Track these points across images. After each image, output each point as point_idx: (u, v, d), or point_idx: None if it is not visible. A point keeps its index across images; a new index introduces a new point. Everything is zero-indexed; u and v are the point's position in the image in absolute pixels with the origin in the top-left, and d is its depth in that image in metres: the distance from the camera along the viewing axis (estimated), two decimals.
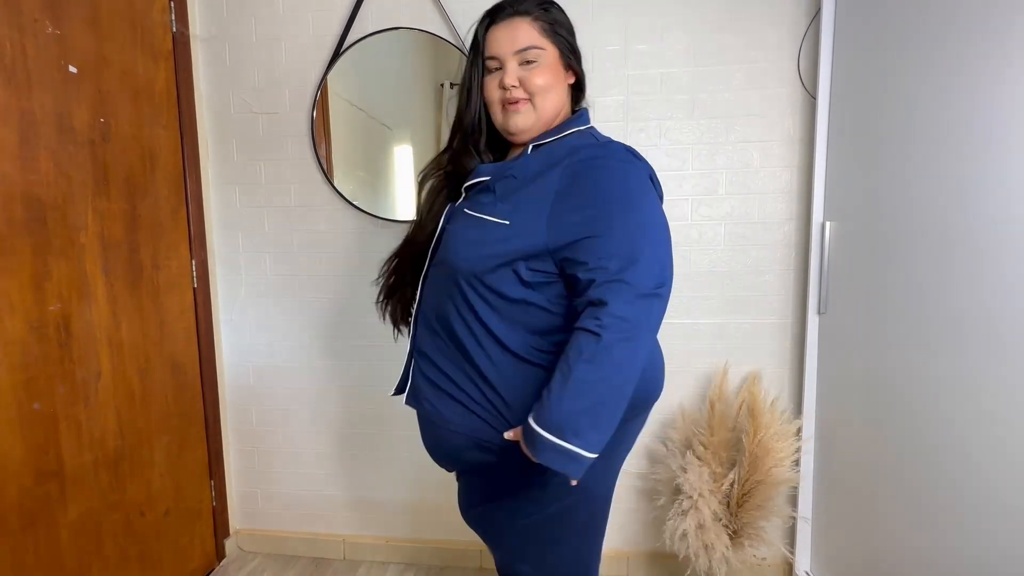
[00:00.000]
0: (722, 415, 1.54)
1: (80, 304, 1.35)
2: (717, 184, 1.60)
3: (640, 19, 1.57)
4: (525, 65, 0.95)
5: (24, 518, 1.23)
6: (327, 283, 1.78)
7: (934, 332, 1.14)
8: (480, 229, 0.92)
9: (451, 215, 1.02)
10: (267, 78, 1.73)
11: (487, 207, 0.93)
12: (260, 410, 1.88)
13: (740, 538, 1.49)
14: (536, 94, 0.95)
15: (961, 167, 1.07)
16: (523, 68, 0.95)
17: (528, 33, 0.94)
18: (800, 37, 1.53)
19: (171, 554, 1.66)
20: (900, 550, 1.25)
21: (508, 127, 0.98)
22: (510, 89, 0.94)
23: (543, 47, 0.95)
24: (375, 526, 1.88)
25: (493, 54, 0.96)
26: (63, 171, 1.31)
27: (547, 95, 0.96)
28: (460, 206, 1.00)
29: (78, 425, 1.35)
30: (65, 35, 1.31)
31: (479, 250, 0.91)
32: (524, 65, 0.95)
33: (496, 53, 0.95)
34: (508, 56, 0.95)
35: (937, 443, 1.14)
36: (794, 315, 1.62)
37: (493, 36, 0.96)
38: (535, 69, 0.95)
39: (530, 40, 0.94)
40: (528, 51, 0.94)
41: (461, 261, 0.93)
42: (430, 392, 0.99)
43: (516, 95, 0.95)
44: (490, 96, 0.98)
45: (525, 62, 0.95)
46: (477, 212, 0.94)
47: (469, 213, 0.95)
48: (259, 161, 1.77)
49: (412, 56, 1.64)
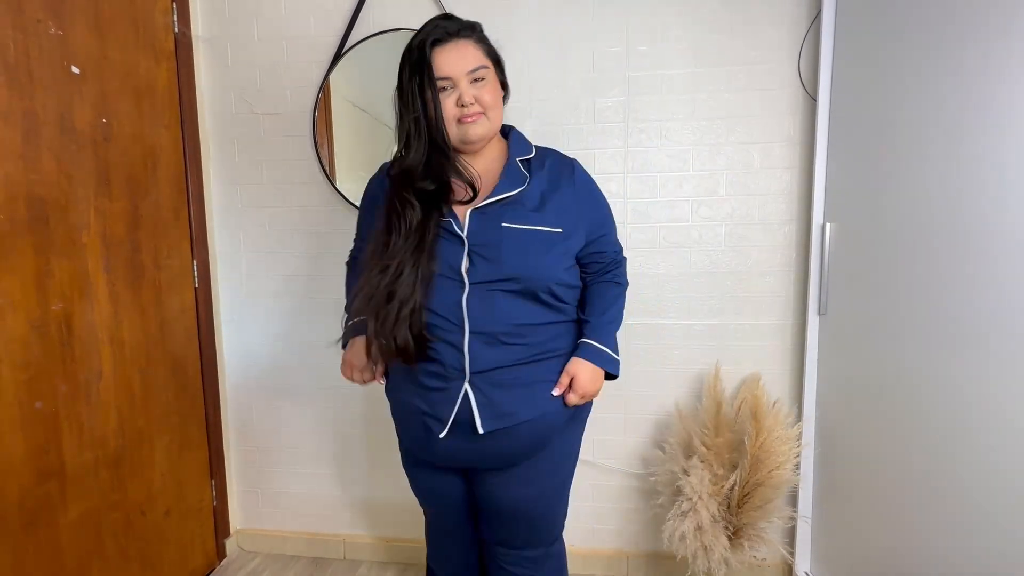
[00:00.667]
0: (724, 417, 1.54)
1: (82, 303, 1.36)
2: (718, 185, 1.60)
3: (641, 20, 1.58)
4: (475, 84, 1.03)
5: (25, 517, 1.24)
6: (328, 284, 1.79)
7: (934, 333, 1.14)
8: (542, 240, 1.05)
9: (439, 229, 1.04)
10: (269, 78, 1.73)
11: (534, 219, 1.05)
12: (261, 410, 1.88)
13: (740, 539, 1.49)
14: (489, 108, 1.05)
15: (961, 168, 1.08)
16: (474, 86, 1.03)
17: (475, 54, 1.04)
18: (801, 38, 1.53)
19: (172, 554, 1.66)
20: (900, 550, 1.25)
21: (468, 138, 1.05)
22: (470, 105, 1.02)
23: (488, 66, 1.06)
24: (375, 526, 1.89)
25: (446, 75, 1.02)
26: (65, 171, 1.32)
27: (496, 111, 1.07)
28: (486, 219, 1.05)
29: (79, 424, 1.36)
30: (67, 36, 1.32)
31: (550, 259, 1.06)
32: (474, 84, 1.03)
33: (449, 74, 1.02)
34: (461, 76, 1.02)
35: (937, 444, 1.14)
36: (794, 316, 1.62)
37: (443, 58, 1.02)
38: (485, 86, 1.04)
39: (478, 61, 1.04)
40: (479, 71, 1.03)
41: (543, 271, 1.05)
42: (507, 403, 1.05)
43: (474, 110, 1.03)
44: (447, 114, 1.03)
45: (475, 80, 1.03)
46: (527, 225, 1.05)
47: (514, 227, 1.04)
48: (261, 161, 1.77)
49: None
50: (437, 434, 1.06)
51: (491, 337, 1.03)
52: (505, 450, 1.09)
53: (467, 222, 1.04)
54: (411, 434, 1.17)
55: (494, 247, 1.02)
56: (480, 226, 1.04)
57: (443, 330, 1.03)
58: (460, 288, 1.02)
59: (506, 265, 1.02)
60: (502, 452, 1.09)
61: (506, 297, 1.03)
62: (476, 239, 1.03)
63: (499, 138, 1.15)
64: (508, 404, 1.04)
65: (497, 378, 1.04)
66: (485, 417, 1.04)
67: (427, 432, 1.09)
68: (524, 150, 1.12)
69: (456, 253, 1.03)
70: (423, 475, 1.22)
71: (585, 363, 1.09)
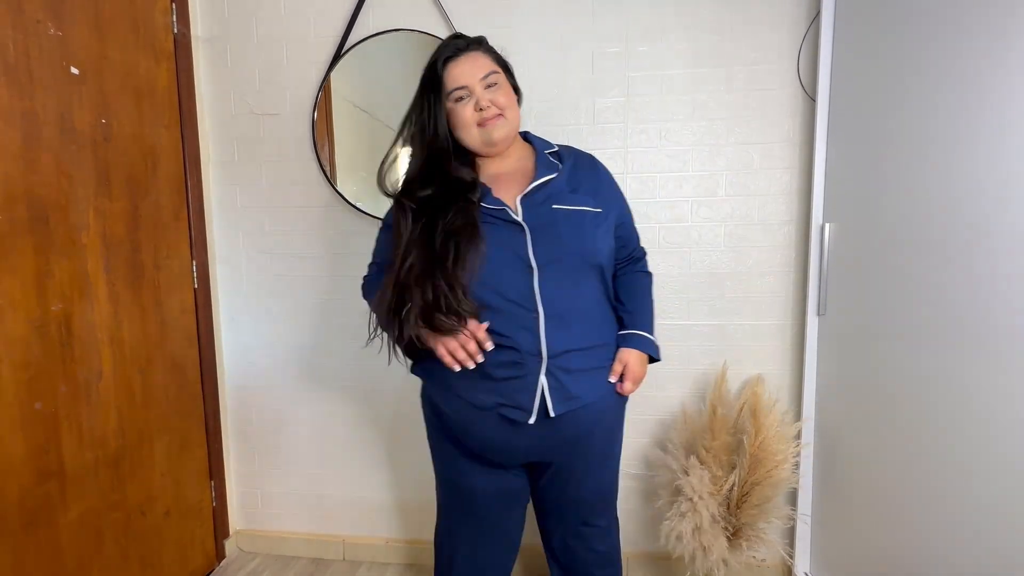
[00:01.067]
0: (724, 417, 1.54)
1: (82, 304, 1.36)
2: (717, 185, 1.60)
3: (641, 21, 1.58)
4: (489, 88, 1.10)
5: (25, 517, 1.24)
6: (328, 285, 1.79)
7: (933, 333, 1.14)
8: (591, 219, 1.12)
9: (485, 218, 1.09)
10: (268, 79, 1.73)
11: (578, 200, 1.12)
12: (260, 411, 1.88)
13: (739, 539, 1.49)
14: (505, 108, 1.11)
15: (960, 168, 1.08)
16: (489, 91, 1.10)
17: (485, 62, 1.11)
18: (800, 39, 1.53)
19: (171, 554, 1.66)
20: (900, 550, 1.25)
21: (492, 139, 1.11)
22: (487, 108, 1.09)
23: (498, 71, 1.13)
24: (375, 527, 1.89)
25: (461, 84, 1.09)
26: (65, 171, 1.32)
27: (512, 110, 1.13)
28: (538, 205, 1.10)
29: (79, 425, 1.36)
30: (67, 36, 1.32)
31: (600, 234, 1.12)
32: (488, 89, 1.10)
33: (464, 83, 1.09)
34: (475, 83, 1.09)
35: (937, 444, 1.14)
36: (794, 316, 1.62)
37: (456, 70, 1.10)
38: (499, 90, 1.11)
39: (489, 67, 1.11)
40: (490, 76, 1.10)
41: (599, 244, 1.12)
42: (572, 386, 1.08)
43: (492, 112, 1.10)
44: (465, 120, 1.10)
45: (488, 86, 1.10)
46: (574, 205, 1.11)
47: (564, 207, 1.11)
48: (260, 162, 1.77)
49: (414, 58, 1.64)
50: (523, 422, 1.07)
51: (561, 320, 1.07)
52: (572, 434, 1.12)
53: (519, 209, 1.09)
54: (481, 435, 1.13)
55: (551, 228, 1.08)
56: (533, 212, 1.09)
57: (519, 317, 1.05)
58: (529, 273, 1.06)
59: (567, 244, 1.08)
60: (567, 438, 1.12)
61: (569, 277, 1.09)
62: (533, 223, 1.08)
63: (522, 141, 1.23)
64: (575, 388, 1.08)
65: (566, 363, 1.08)
66: (556, 400, 1.07)
67: (499, 427, 1.09)
68: (548, 145, 1.21)
69: (518, 240, 1.07)
70: (474, 472, 1.19)
71: (634, 351, 1.17)
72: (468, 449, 1.18)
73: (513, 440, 1.11)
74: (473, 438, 1.15)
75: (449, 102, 1.11)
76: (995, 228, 1.01)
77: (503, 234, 1.07)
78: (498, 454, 1.16)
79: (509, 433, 1.10)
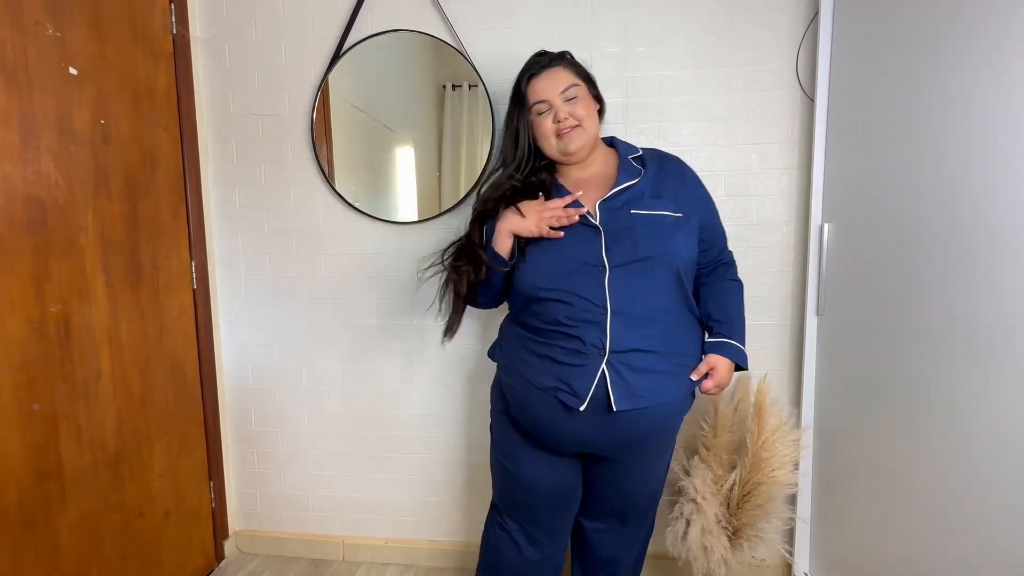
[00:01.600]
0: (724, 416, 1.54)
1: (80, 305, 1.36)
2: (716, 186, 1.60)
3: (640, 22, 1.58)
4: (569, 102, 1.18)
5: (24, 518, 1.23)
6: (327, 285, 1.79)
7: (932, 333, 1.15)
8: (669, 224, 1.15)
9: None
10: (267, 80, 1.73)
11: (657, 204, 1.16)
12: (259, 412, 1.88)
13: (739, 539, 1.49)
14: (583, 119, 1.18)
15: (959, 169, 1.08)
16: (568, 104, 1.18)
17: (566, 76, 1.19)
18: (798, 40, 1.54)
19: (170, 555, 1.65)
20: (900, 551, 1.25)
21: (568, 149, 1.19)
22: (564, 120, 1.16)
23: (579, 84, 1.19)
24: (374, 527, 1.88)
25: (542, 98, 1.18)
26: (64, 172, 1.32)
27: (591, 120, 1.19)
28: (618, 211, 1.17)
29: (78, 426, 1.35)
30: (66, 37, 1.32)
31: (678, 238, 1.15)
32: (568, 102, 1.18)
33: (545, 97, 1.18)
34: (555, 97, 1.17)
35: (936, 444, 1.14)
36: (793, 317, 1.63)
37: (538, 85, 1.19)
38: (578, 103, 1.18)
39: (569, 81, 1.18)
40: (569, 89, 1.18)
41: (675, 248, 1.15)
42: (639, 386, 1.12)
43: (569, 124, 1.17)
44: (545, 132, 1.19)
45: (568, 99, 1.18)
46: (653, 210, 1.16)
47: (641, 213, 1.15)
48: (259, 163, 1.77)
49: (413, 58, 1.65)
50: (575, 408, 1.12)
51: (630, 318, 1.11)
52: (631, 433, 1.16)
53: (598, 213, 1.15)
54: (534, 414, 1.20)
55: (627, 232, 1.13)
56: (611, 216, 1.15)
57: (586, 311, 1.11)
58: (601, 272, 1.12)
59: (641, 247, 1.12)
60: (627, 436, 1.16)
61: (643, 280, 1.13)
62: (610, 227, 1.14)
63: (605, 146, 1.29)
64: (640, 387, 1.12)
65: (633, 361, 1.12)
66: (619, 396, 1.10)
67: (555, 411, 1.15)
68: (632, 151, 1.26)
69: (594, 242, 1.14)
70: (532, 460, 1.26)
71: (723, 359, 1.21)
72: (524, 432, 1.25)
73: (565, 425, 1.16)
74: (527, 417, 1.22)
75: (532, 115, 1.20)
76: (995, 228, 1.01)
77: (580, 235, 1.15)
78: (548, 436, 1.20)
79: (563, 418, 1.15)
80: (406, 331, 1.77)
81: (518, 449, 1.27)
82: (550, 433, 1.19)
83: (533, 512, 1.31)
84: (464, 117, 1.63)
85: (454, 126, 1.64)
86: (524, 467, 1.27)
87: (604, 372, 1.11)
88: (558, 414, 1.15)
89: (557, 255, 1.15)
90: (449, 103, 1.63)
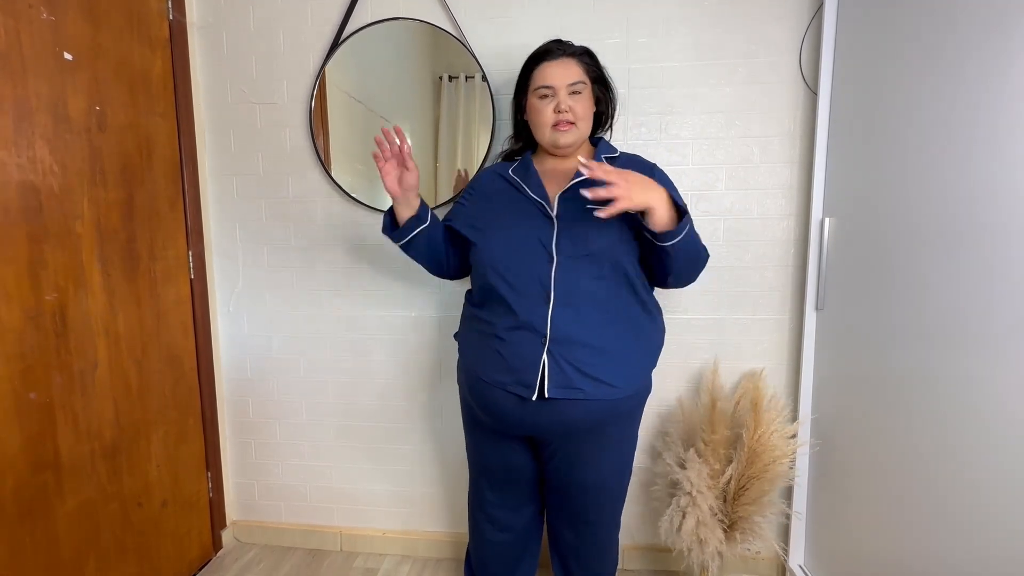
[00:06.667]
0: (722, 412, 1.54)
1: (77, 294, 1.35)
2: (717, 179, 1.60)
3: (641, 13, 1.56)
4: (572, 95, 1.20)
5: (21, 508, 1.23)
6: (324, 275, 1.78)
7: (932, 329, 1.15)
8: (621, 220, 1.15)
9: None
10: (265, 68, 1.71)
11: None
12: (257, 402, 1.88)
13: (734, 532, 1.50)
14: (580, 118, 1.21)
15: (962, 164, 1.07)
16: (571, 97, 1.20)
17: (576, 70, 1.20)
18: (802, 32, 1.52)
19: (168, 545, 1.66)
20: (894, 546, 1.26)
21: (558, 143, 1.22)
22: (564, 112, 1.19)
23: (586, 83, 1.22)
24: (372, 518, 1.89)
25: (549, 84, 1.20)
26: (59, 160, 1.30)
27: (586, 122, 1.23)
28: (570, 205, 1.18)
29: (75, 415, 1.35)
30: (60, 22, 1.30)
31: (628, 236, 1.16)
32: (572, 95, 1.20)
33: (551, 83, 1.19)
34: (561, 87, 1.19)
35: (933, 440, 1.15)
36: (792, 311, 1.63)
37: (548, 70, 1.20)
38: (580, 99, 1.21)
39: (578, 76, 1.20)
40: (576, 84, 1.20)
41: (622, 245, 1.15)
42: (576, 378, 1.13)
43: (568, 118, 1.19)
44: (543, 118, 1.21)
45: (572, 92, 1.20)
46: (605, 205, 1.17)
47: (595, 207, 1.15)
48: (257, 151, 1.76)
49: (411, 47, 1.63)
50: (522, 396, 1.15)
51: (571, 309, 1.14)
52: (567, 422, 1.17)
53: (556, 204, 1.19)
54: (485, 402, 1.23)
55: (580, 224, 1.15)
56: (567, 208, 1.18)
57: (530, 297, 1.15)
58: (549, 261, 1.15)
59: (592, 241, 1.14)
60: (563, 424, 1.18)
61: (590, 273, 1.14)
62: (564, 219, 1.17)
63: (589, 144, 1.32)
64: (576, 379, 1.14)
65: (571, 353, 1.14)
66: (552, 384, 1.13)
67: (506, 399, 1.18)
68: (610, 151, 1.29)
69: (546, 231, 1.17)
70: (490, 445, 1.32)
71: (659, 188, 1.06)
72: (477, 415, 1.29)
73: (510, 411, 1.19)
74: (479, 404, 1.25)
75: (534, 97, 1.22)
76: (996, 224, 1.01)
77: (535, 223, 1.18)
78: (498, 421, 1.24)
79: (514, 403, 1.18)
80: (404, 322, 1.77)
81: (473, 429, 1.35)
82: (499, 418, 1.23)
83: (494, 486, 1.37)
84: (460, 108, 1.62)
85: (450, 117, 1.62)
86: (479, 448, 1.35)
87: (544, 360, 1.14)
88: (509, 401, 1.18)
89: (511, 239, 1.18)
90: (446, 94, 1.61)
